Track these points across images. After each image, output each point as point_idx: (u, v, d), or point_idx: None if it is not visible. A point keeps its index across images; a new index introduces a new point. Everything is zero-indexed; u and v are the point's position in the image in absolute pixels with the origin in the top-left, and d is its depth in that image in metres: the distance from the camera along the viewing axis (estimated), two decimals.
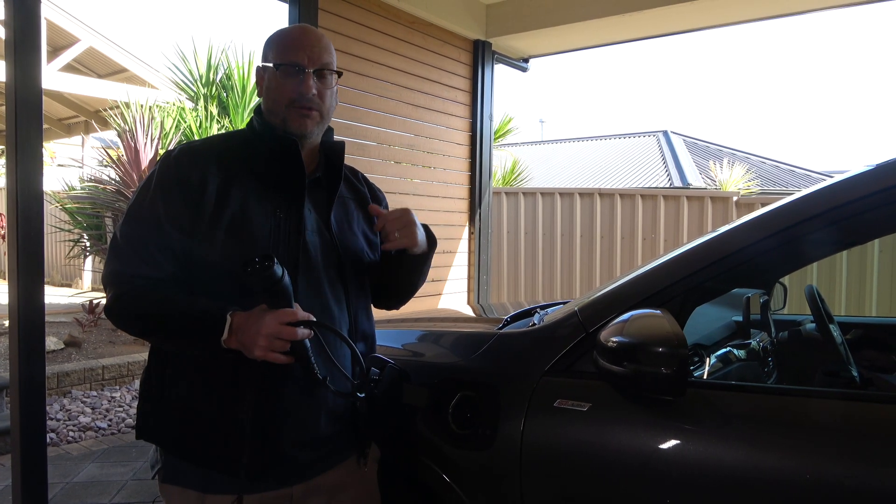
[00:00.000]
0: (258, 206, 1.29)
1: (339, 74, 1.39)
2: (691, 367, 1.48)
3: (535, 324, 1.68)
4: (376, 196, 1.57)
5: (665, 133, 18.51)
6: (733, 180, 9.56)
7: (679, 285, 1.40)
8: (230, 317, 1.19)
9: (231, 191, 1.28)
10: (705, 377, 1.53)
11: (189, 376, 1.29)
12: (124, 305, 1.27)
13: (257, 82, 1.40)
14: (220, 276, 1.26)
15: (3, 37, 2.40)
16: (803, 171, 16.13)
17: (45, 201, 2.48)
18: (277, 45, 1.34)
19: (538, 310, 1.96)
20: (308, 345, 1.21)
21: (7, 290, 2.42)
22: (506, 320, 1.90)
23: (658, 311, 1.28)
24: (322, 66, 1.33)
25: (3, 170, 12.12)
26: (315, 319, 1.21)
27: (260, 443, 1.26)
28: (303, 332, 1.19)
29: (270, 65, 1.33)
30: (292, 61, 1.31)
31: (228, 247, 1.25)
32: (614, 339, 1.27)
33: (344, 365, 1.33)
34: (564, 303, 2.05)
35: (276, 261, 1.14)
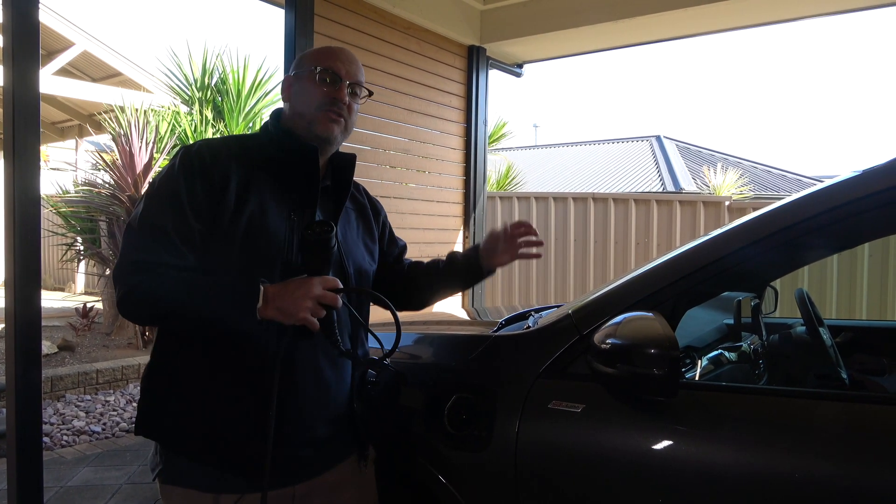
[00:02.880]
0: (275, 208, 1.32)
1: (370, 94, 1.46)
2: (683, 369, 1.51)
3: (529, 326, 1.70)
4: (376, 208, 1.62)
5: (658, 138, 18.60)
6: (727, 185, 9.62)
7: (671, 288, 1.42)
8: (262, 286, 1.21)
9: (250, 190, 1.30)
10: (697, 379, 1.55)
11: (197, 372, 1.30)
12: (145, 292, 1.23)
13: (284, 90, 1.44)
14: (237, 270, 1.27)
15: (1, 42, 2.42)
16: (794, 176, 16.24)
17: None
18: (316, 55, 1.41)
19: (532, 313, 1.99)
20: (335, 316, 1.26)
21: (4, 295, 2.43)
22: (501, 323, 1.92)
23: (650, 314, 1.31)
24: (357, 82, 1.41)
25: None
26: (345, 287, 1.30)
27: (266, 440, 1.27)
28: (340, 301, 1.25)
29: (309, 69, 1.38)
30: (332, 69, 1.37)
31: (246, 244, 1.27)
32: (607, 342, 1.30)
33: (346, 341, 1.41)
34: (559, 306, 2.07)
35: (334, 227, 1.25)
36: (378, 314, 1.60)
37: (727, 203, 5.57)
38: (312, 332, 1.22)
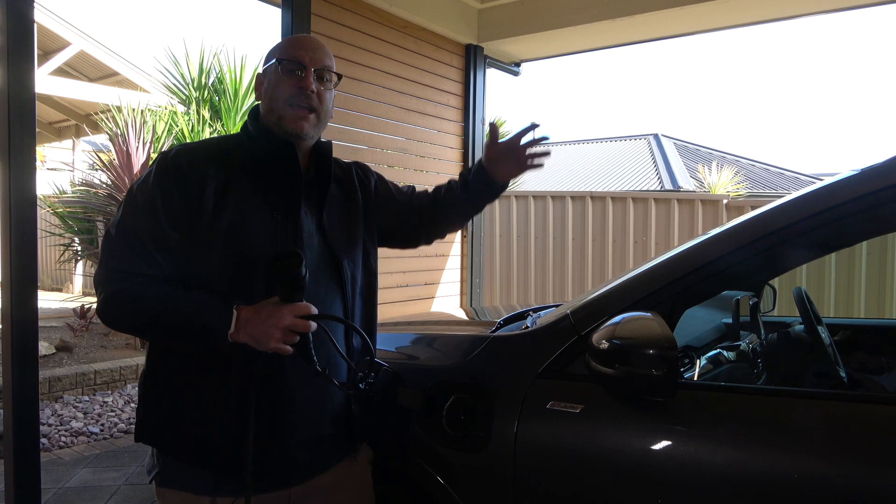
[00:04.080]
0: (256, 210, 1.30)
1: (339, 77, 1.42)
2: (682, 369, 1.50)
3: (527, 326, 1.70)
4: (364, 180, 1.56)
5: (656, 136, 18.60)
6: (723, 183, 9.62)
7: (669, 288, 1.42)
8: (236, 310, 1.21)
9: (229, 193, 1.29)
10: (695, 378, 1.55)
11: (189, 377, 1.30)
12: (122, 302, 1.26)
13: (256, 87, 1.42)
14: (219, 277, 1.26)
15: None
16: (792, 174, 16.25)
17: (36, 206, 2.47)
18: (280, 47, 1.38)
19: (531, 313, 1.98)
20: (310, 338, 1.24)
21: (0, 296, 2.42)
22: (499, 323, 1.92)
23: (648, 314, 1.30)
24: (323, 67, 1.36)
25: None
26: (318, 313, 1.25)
27: (261, 443, 1.27)
28: (314, 325, 1.22)
29: (272, 63, 1.36)
30: (294, 58, 1.34)
31: (228, 249, 1.26)
32: (606, 342, 1.29)
33: (340, 361, 1.37)
34: (557, 305, 2.07)
35: (303, 259, 1.19)
36: (382, 312, 1.59)
37: (725, 201, 5.56)
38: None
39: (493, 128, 1.53)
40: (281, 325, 1.18)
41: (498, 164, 1.53)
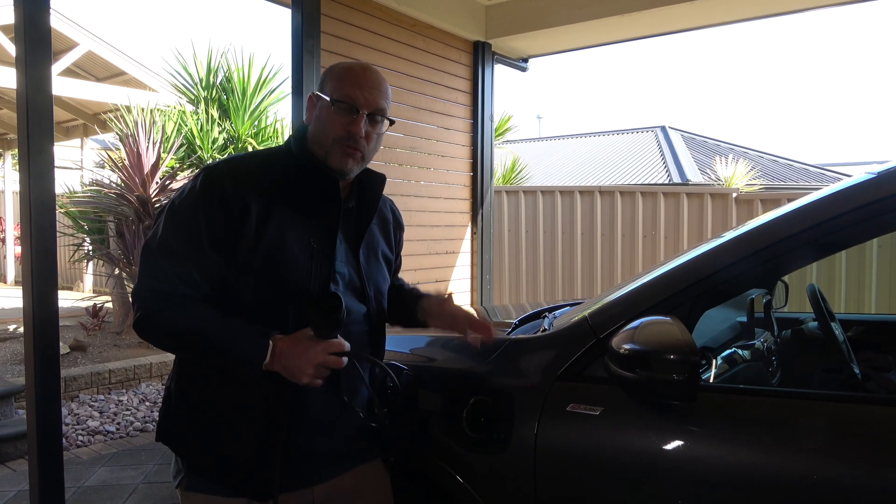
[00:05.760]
0: (294, 236, 1.30)
1: (392, 122, 1.40)
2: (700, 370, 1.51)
3: (545, 328, 1.71)
4: (399, 222, 1.59)
5: (663, 128, 18.53)
6: (737, 176, 9.54)
7: (687, 291, 1.43)
8: (273, 342, 1.23)
9: (270, 217, 1.28)
10: (712, 380, 1.56)
11: (210, 391, 1.33)
12: (158, 322, 1.28)
13: (308, 108, 1.40)
14: (254, 301, 1.29)
15: (9, 47, 2.43)
16: (800, 165, 16.16)
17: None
18: (338, 79, 1.35)
19: (546, 313, 2.00)
20: (341, 371, 1.27)
21: (21, 296, 2.46)
22: (515, 324, 1.94)
23: (667, 318, 1.32)
24: (376, 111, 1.35)
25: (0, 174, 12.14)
26: (350, 349, 1.28)
27: (278, 443, 1.29)
28: (345, 360, 1.25)
29: (326, 97, 1.34)
30: (349, 99, 1.32)
31: (265, 272, 1.27)
32: (625, 346, 1.31)
33: (362, 389, 1.41)
34: (571, 304, 2.09)
35: (343, 302, 1.21)
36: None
37: (734, 195, 5.55)
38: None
39: (450, 298, 1.55)
40: (315, 361, 1.21)
41: (433, 318, 1.53)
